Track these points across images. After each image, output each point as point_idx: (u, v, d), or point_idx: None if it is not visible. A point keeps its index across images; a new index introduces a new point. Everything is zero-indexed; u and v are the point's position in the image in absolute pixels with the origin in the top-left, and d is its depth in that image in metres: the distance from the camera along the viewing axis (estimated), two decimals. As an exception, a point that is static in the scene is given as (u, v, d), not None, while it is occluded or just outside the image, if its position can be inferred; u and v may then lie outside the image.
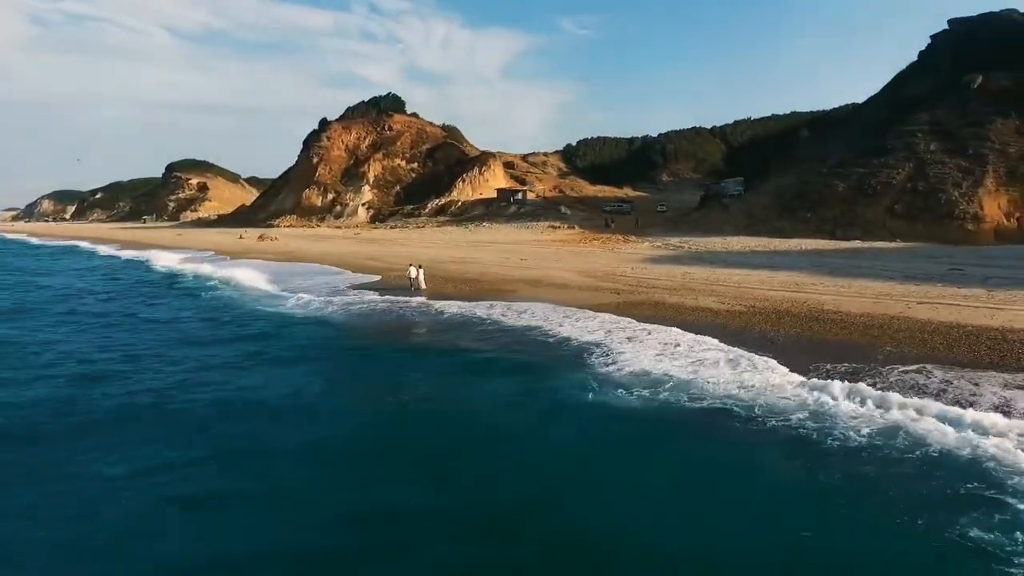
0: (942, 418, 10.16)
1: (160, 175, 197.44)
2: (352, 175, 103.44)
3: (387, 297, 25.61)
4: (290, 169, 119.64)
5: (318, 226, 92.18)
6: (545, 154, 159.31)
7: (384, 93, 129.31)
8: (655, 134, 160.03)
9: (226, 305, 25.65)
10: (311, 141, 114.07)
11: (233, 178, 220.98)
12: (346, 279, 32.71)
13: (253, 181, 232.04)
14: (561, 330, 18.25)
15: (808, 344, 15.94)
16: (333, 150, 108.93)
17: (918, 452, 9.34)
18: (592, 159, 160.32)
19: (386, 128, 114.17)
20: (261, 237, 70.70)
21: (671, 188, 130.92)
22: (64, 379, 14.60)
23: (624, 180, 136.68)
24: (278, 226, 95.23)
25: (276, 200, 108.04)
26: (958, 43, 56.53)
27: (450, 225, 76.65)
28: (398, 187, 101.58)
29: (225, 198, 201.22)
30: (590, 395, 12.46)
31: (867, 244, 42.48)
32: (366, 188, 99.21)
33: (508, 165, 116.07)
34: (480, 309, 22.06)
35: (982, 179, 42.65)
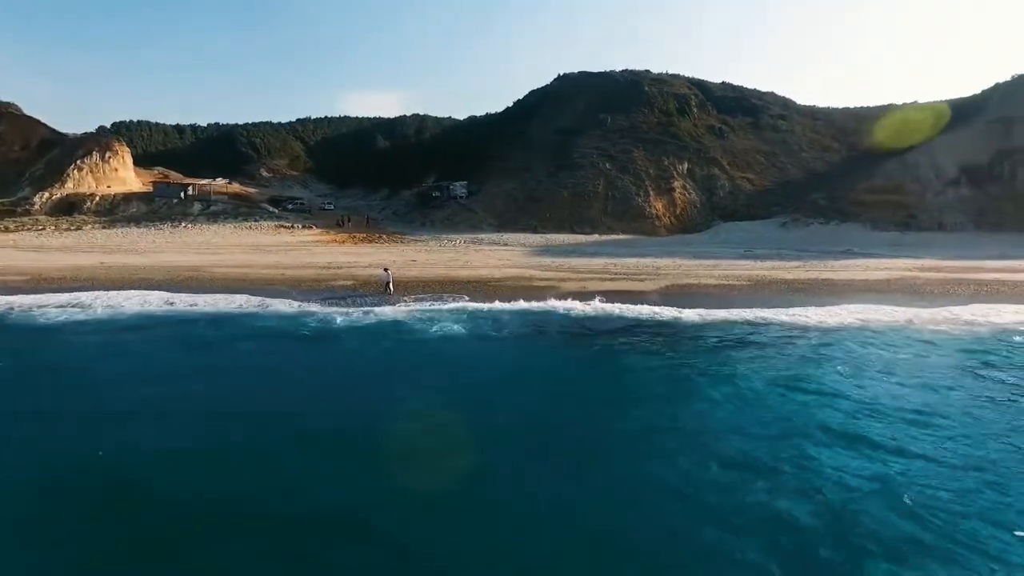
0: None
1: None
2: None
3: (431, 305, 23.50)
4: None
5: None
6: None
7: None
8: (203, 123, 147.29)
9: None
10: None
11: None
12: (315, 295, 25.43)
13: None
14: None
15: (826, 298, 26.01)
16: None
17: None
18: (144, 147, 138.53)
19: None
20: None
21: (275, 185, 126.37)
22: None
23: (209, 172, 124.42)
24: None
25: None
26: (582, 90, 78.30)
27: (120, 226, 57.05)
28: (-64, 173, 67.41)
29: None
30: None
31: (604, 237, 57.09)
32: None
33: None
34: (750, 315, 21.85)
35: (648, 191, 62.75)
